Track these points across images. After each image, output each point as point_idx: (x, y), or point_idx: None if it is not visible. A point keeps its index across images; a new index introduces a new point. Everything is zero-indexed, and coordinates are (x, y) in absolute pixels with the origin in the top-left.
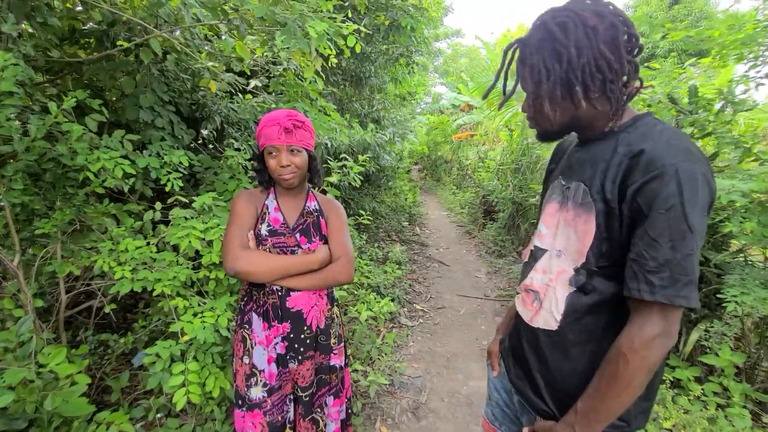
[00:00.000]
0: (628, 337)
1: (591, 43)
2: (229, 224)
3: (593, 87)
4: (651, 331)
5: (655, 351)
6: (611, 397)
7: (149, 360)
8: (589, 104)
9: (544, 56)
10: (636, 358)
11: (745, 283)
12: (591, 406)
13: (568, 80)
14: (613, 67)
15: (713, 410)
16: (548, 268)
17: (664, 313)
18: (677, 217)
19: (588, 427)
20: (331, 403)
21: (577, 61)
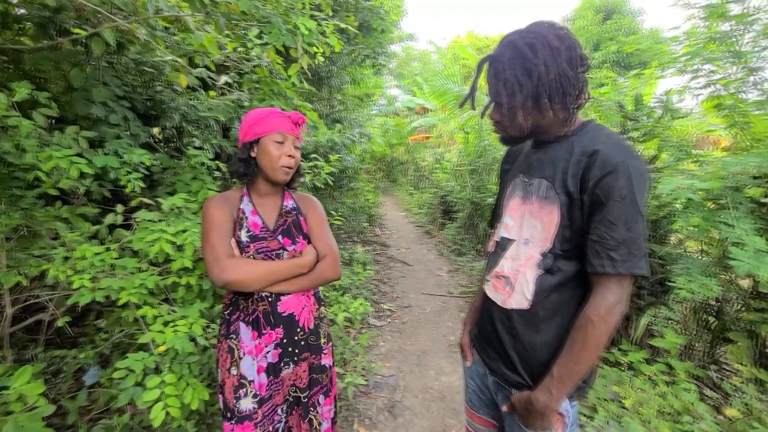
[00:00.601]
0: (594, 307)
1: (556, 61)
2: (207, 232)
3: (557, 99)
4: (612, 299)
5: (615, 315)
6: (583, 358)
7: (119, 374)
8: (552, 113)
9: (516, 72)
10: (602, 323)
11: (689, 272)
12: (565, 369)
13: (537, 93)
14: (572, 82)
15: (663, 387)
16: (517, 256)
17: (621, 283)
18: (630, 204)
19: (563, 388)
20: (323, 402)
21: (546, 77)
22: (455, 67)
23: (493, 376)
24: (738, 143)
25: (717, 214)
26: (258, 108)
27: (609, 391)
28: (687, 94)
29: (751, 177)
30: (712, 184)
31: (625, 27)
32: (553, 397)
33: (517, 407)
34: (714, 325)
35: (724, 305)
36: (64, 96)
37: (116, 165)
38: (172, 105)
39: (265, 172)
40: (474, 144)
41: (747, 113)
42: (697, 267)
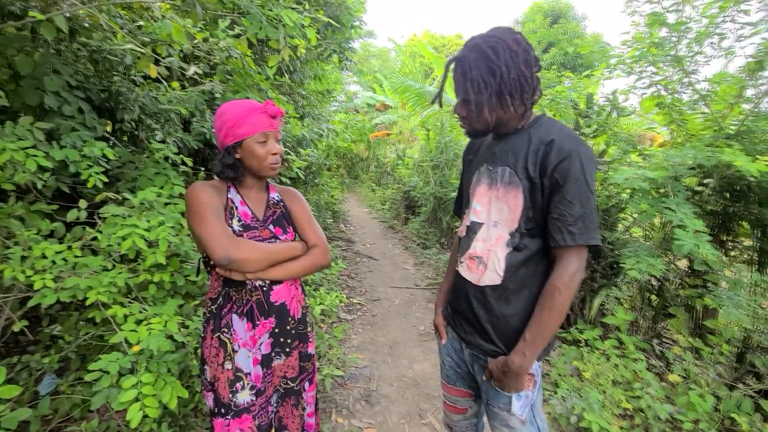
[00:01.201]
0: (559, 276)
1: (515, 63)
2: (203, 216)
3: (516, 96)
4: (573, 268)
5: (576, 282)
6: (551, 322)
7: (93, 376)
8: (511, 109)
9: (482, 72)
10: (566, 289)
11: (637, 254)
12: (536, 333)
13: (500, 91)
14: (529, 81)
15: (615, 360)
16: (487, 237)
17: (579, 253)
18: (583, 185)
19: (534, 350)
20: (308, 388)
21: (507, 77)
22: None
23: (469, 349)
24: (675, 138)
25: (660, 200)
26: (231, 102)
27: (569, 367)
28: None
29: (688, 168)
30: (658, 174)
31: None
32: (526, 359)
33: (493, 372)
34: (656, 302)
35: (665, 284)
36: (9, 84)
37: (77, 158)
38: (131, 97)
39: (253, 171)
40: (435, 140)
41: (682, 111)
42: (643, 250)
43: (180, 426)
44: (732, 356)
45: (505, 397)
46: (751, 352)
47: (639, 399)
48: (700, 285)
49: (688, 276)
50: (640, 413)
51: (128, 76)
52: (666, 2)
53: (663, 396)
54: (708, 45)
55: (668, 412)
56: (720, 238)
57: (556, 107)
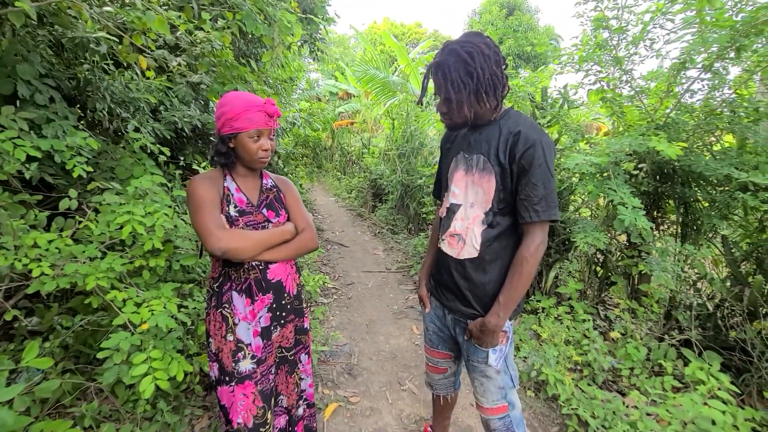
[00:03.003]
0: (526, 247)
1: (488, 65)
2: (198, 209)
3: (490, 93)
4: (538, 240)
5: (540, 252)
6: (521, 286)
7: (105, 354)
8: (486, 105)
9: (460, 74)
10: (532, 259)
11: (585, 230)
12: (508, 296)
13: (477, 90)
14: (500, 79)
15: (567, 323)
16: (465, 216)
17: (543, 228)
18: (545, 170)
19: (507, 310)
20: (305, 361)
21: (483, 77)
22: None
23: (451, 315)
24: (616, 128)
25: (604, 183)
26: (234, 94)
27: (529, 333)
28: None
29: (626, 154)
30: (601, 159)
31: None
32: (500, 318)
33: (473, 332)
34: (600, 273)
35: (608, 256)
36: None
37: (62, 148)
38: (102, 85)
39: (244, 162)
40: (400, 129)
41: (622, 105)
42: (590, 226)
43: (174, 408)
44: (660, 314)
45: (483, 352)
46: (675, 310)
47: (587, 354)
48: (635, 255)
49: (627, 248)
50: (588, 367)
51: (97, 64)
52: (608, 12)
53: (606, 351)
54: (642, 47)
55: (610, 363)
56: (652, 215)
57: (515, 99)
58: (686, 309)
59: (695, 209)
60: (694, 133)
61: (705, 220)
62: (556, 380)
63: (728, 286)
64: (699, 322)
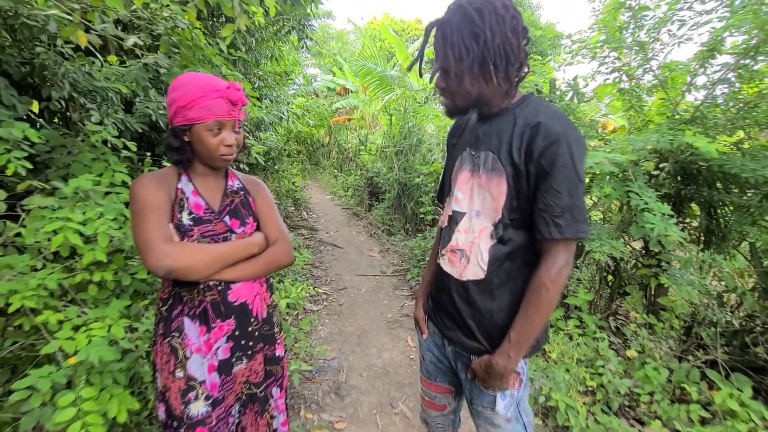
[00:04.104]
0: (546, 271)
1: (501, 29)
2: (140, 216)
3: (501, 67)
4: (561, 262)
5: (564, 277)
6: (537, 320)
7: (20, 395)
8: (495, 82)
9: (464, 36)
10: (554, 286)
11: (600, 237)
12: (522, 332)
13: (483, 59)
14: (515, 51)
15: (577, 338)
16: (470, 228)
17: (567, 247)
18: (571, 173)
19: (520, 350)
20: (277, 395)
21: (492, 43)
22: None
23: (451, 346)
24: (633, 124)
25: (623, 184)
26: (188, 75)
27: None
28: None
29: (649, 152)
30: (625, 158)
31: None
32: (511, 359)
33: (477, 372)
34: (612, 282)
35: (621, 264)
36: None
37: None
38: (59, 71)
39: (202, 159)
40: (398, 126)
41: (641, 97)
42: (605, 233)
43: None
44: (681, 330)
45: (490, 396)
46: (697, 326)
47: (601, 376)
48: (654, 265)
49: (643, 256)
50: (602, 389)
51: (54, 47)
52: None
53: (622, 371)
54: (665, 32)
55: (627, 386)
56: None
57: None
58: (710, 325)
59: (720, 214)
60: (726, 129)
61: (733, 227)
62: (567, 407)
63: (759, 301)
64: (724, 339)
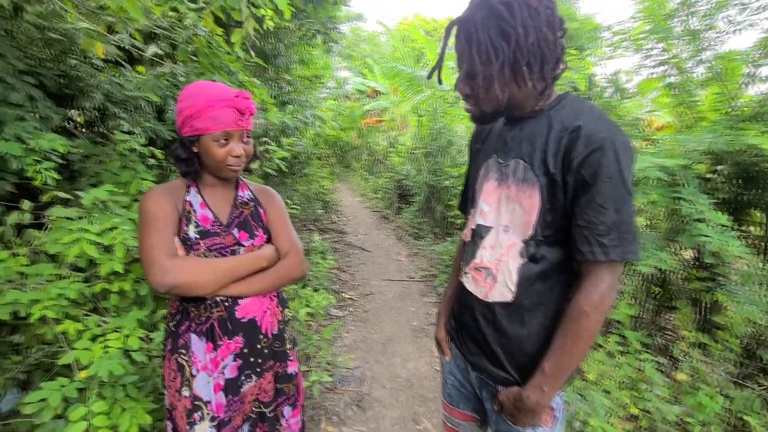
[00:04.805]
0: (587, 296)
1: (535, 23)
2: (145, 230)
3: (535, 67)
4: (604, 287)
5: (608, 303)
6: (576, 351)
7: (32, 408)
8: (529, 85)
9: (491, 35)
10: (596, 313)
11: (645, 247)
12: (558, 364)
13: (515, 60)
14: (551, 47)
15: (618, 357)
16: (497, 244)
17: (612, 269)
18: (618, 184)
19: (555, 384)
20: (289, 414)
21: (525, 41)
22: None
23: (476, 372)
24: (683, 122)
25: (672, 189)
26: (196, 85)
27: None
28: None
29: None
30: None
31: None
32: (545, 394)
33: (505, 405)
34: (659, 295)
35: (669, 275)
36: None
37: (19, 152)
38: (92, 82)
39: (210, 170)
40: (428, 127)
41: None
42: (650, 242)
43: None
44: (740, 353)
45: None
46: (761, 348)
47: (645, 401)
48: (707, 278)
49: (695, 268)
50: (646, 415)
51: (89, 59)
52: None
53: (670, 396)
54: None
55: (676, 414)
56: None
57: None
58: None
59: None
60: None
61: None
62: None
63: None
64: None
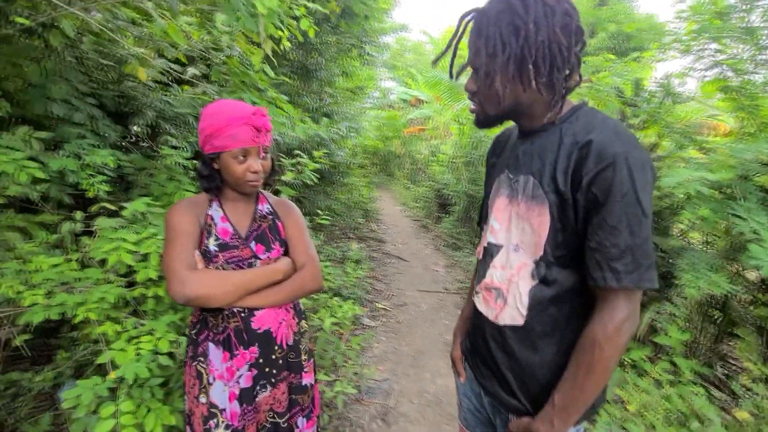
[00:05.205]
0: (601, 326)
1: (548, 22)
2: (169, 243)
3: (543, 69)
4: (620, 316)
5: (625, 335)
6: (590, 384)
7: (69, 404)
8: (535, 88)
9: (502, 28)
10: (610, 345)
11: (696, 267)
12: (569, 397)
13: (522, 57)
14: (563, 52)
15: (667, 387)
16: (507, 264)
17: (629, 297)
18: (632, 204)
19: (566, 418)
20: (303, 426)
21: (534, 38)
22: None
23: (488, 397)
24: (745, 128)
25: (726, 205)
26: (216, 105)
27: (613, 393)
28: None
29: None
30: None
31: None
32: (555, 429)
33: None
34: (719, 320)
35: (731, 299)
36: (24, 94)
37: (74, 168)
38: (145, 101)
39: (231, 185)
40: (468, 135)
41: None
42: (703, 261)
43: None
44: None
45: None
46: None
47: None
48: None
49: (762, 291)
50: None
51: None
52: None
53: None
54: None
55: None
56: None
57: (597, 95)
58: None
59: None
60: None
61: None
62: None
63: None
64: None
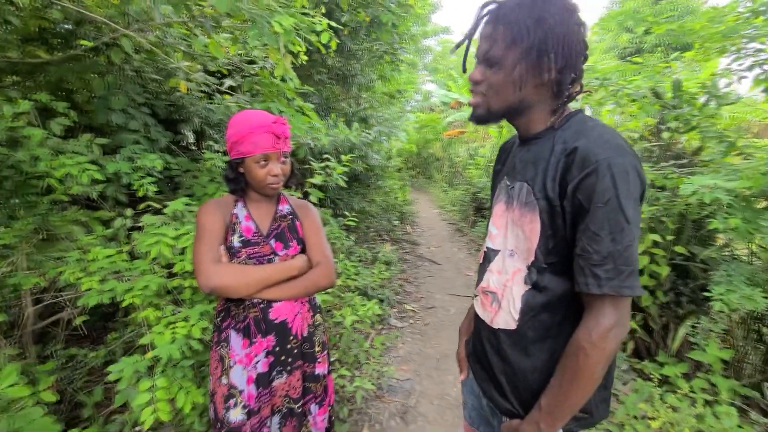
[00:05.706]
0: (586, 331)
1: (567, 20)
2: (197, 239)
3: (557, 64)
4: (606, 323)
5: (611, 342)
6: (574, 390)
7: (114, 377)
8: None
9: (524, 16)
10: (595, 351)
11: (731, 280)
12: (554, 402)
13: (542, 48)
14: (576, 50)
15: (701, 407)
16: (503, 269)
17: (615, 304)
18: (614, 210)
19: (552, 423)
20: (316, 412)
21: (556, 32)
22: None
23: (486, 399)
24: None
25: (762, 213)
26: (241, 114)
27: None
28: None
29: None
30: (739, 183)
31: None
32: (540, 431)
33: None
34: None
35: None
36: (90, 105)
37: (127, 170)
38: (192, 110)
39: (254, 188)
40: (507, 137)
41: None
42: (741, 273)
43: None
44: None
45: None
46: None
47: None
48: None
49: None
50: None
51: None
52: None
53: None
54: None
55: None
56: None
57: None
58: None
59: None
60: None
61: None
62: None
63: None
64: None
